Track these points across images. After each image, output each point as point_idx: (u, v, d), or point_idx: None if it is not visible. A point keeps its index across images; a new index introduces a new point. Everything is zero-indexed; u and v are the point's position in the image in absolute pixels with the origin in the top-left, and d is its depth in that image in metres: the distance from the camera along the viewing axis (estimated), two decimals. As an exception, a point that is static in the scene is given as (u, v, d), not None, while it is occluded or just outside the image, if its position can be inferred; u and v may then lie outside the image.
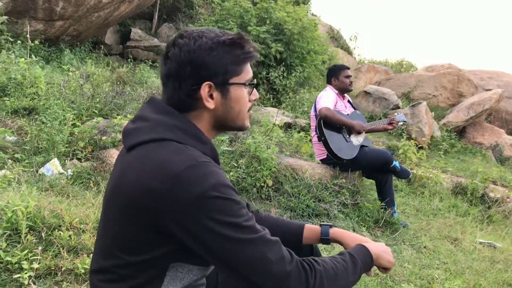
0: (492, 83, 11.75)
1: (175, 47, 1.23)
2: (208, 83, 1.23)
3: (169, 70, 1.23)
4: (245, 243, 1.11)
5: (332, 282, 1.23)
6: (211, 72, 1.23)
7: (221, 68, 1.23)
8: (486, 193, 5.74)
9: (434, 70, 11.10)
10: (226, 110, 1.28)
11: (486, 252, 4.10)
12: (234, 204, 1.12)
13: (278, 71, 9.13)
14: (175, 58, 1.22)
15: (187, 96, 1.24)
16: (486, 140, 9.50)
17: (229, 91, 1.26)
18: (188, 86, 1.23)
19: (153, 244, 1.15)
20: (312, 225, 1.63)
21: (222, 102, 1.26)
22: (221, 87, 1.25)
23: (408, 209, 5.26)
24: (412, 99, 10.24)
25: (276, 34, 9.33)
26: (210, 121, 1.29)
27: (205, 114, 1.27)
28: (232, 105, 1.28)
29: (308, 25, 9.55)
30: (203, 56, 1.21)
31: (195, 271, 1.25)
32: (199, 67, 1.22)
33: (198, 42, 1.22)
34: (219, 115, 1.28)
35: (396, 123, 4.65)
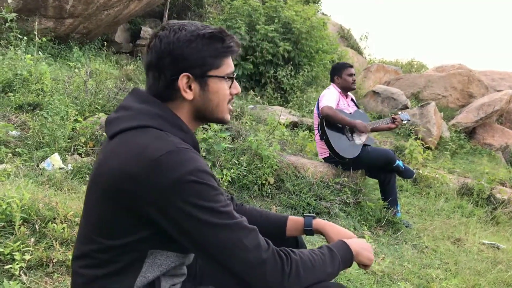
0: (503, 84, 11.62)
1: (157, 38, 1.27)
2: (186, 74, 1.26)
3: (150, 60, 1.28)
4: (221, 228, 1.13)
5: (309, 272, 1.23)
6: (189, 64, 1.26)
7: (199, 60, 1.26)
8: (492, 194, 5.67)
9: (444, 70, 11.00)
10: (205, 102, 1.31)
11: (489, 253, 4.05)
12: (211, 190, 1.14)
13: (286, 70, 9.11)
14: (155, 49, 1.26)
15: (166, 87, 1.27)
16: (496, 142, 9.39)
17: (208, 84, 1.29)
18: (167, 76, 1.26)
19: (132, 228, 1.18)
20: (295, 217, 1.64)
21: (201, 94, 1.29)
22: (199, 79, 1.28)
23: (412, 209, 5.22)
24: (421, 100, 10.16)
25: (285, 33, 9.31)
26: (190, 111, 1.32)
27: (184, 105, 1.30)
28: (211, 97, 1.31)
29: (317, 24, 9.51)
30: (181, 48, 1.25)
31: (173, 258, 1.27)
32: (178, 58, 1.25)
33: (178, 34, 1.25)
34: (198, 106, 1.31)
35: (400, 121, 4.61)
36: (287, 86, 9.10)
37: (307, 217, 1.62)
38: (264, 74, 9.19)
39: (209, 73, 1.28)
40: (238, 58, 8.92)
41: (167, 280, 1.30)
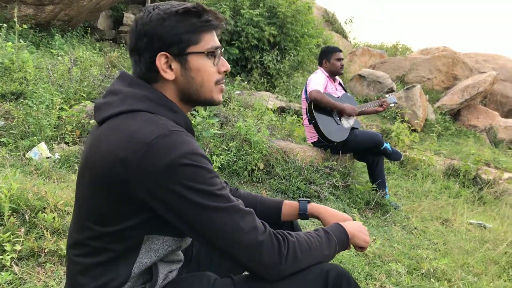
0: (487, 66, 11.73)
1: (134, 21, 1.26)
2: (163, 53, 1.23)
3: (130, 44, 1.26)
4: (218, 211, 1.12)
5: (306, 255, 1.23)
6: (165, 43, 1.23)
7: (175, 37, 1.23)
8: (478, 175, 5.75)
9: (429, 53, 11.05)
10: (187, 81, 1.27)
11: (476, 232, 4.12)
12: (206, 172, 1.12)
13: (272, 55, 9.07)
14: (132, 33, 1.25)
15: (147, 69, 1.25)
16: (480, 123, 9.50)
17: (188, 61, 1.26)
18: (146, 58, 1.24)
19: (126, 214, 1.16)
20: (290, 201, 1.63)
21: (182, 73, 1.26)
22: (179, 57, 1.24)
23: (400, 191, 5.27)
24: (407, 82, 10.21)
25: (270, 17, 9.25)
26: (176, 93, 1.29)
27: (169, 86, 1.27)
28: (193, 75, 1.27)
29: (302, 8, 9.46)
30: (155, 27, 1.22)
31: (170, 242, 1.25)
32: (153, 38, 1.22)
33: (150, 14, 1.23)
34: (182, 87, 1.28)
35: (387, 105, 4.62)
36: (273, 71, 9.06)
37: (302, 201, 1.61)
38: (250, 59, 9.13)
39: (187, 50, 1.24)
40: (223, 43, 8.86)
41: (165, 266, 1.29)
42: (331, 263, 1.30)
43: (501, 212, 4.81)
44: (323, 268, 1.27)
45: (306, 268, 1.24)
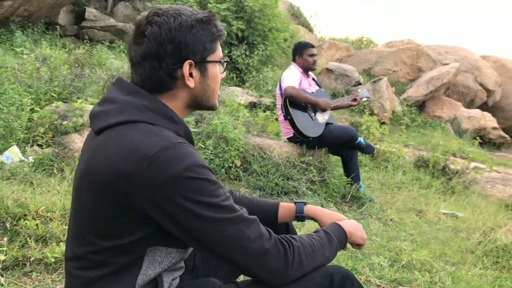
0: (449, 57, 12.05)
1: (153, 25, 1.19)
2: (189, 62, 1.21)
3: (147, 49, 1.19)
4: (224, 223, 1.12)
5: (310, 258, 1.25)
6: (192, 50, 1.21)
7: (200, 46, 1.22)
8: (447, 165, 5.92)
9: (394, 46, 11.27)
10: (203, 89, 1.28)
11: (450, 222, 4.24)
12: (210, 184, 1.12)
13: (241, 49, 9.04)
14: (154, 37, 1.18)
15: (168, 76, 1.22)
16: (445, 114, 9.77)
17: (207, 69, 1.26)
18: (169, 65, 1.20)
19: (129, 228, 1.13)
20: (286, 203, 1.64)
21: (201, 81, 1.26)
22: (200, 65, 1.24)
23: (373, 184, 5.37)
24: (373, 75, 10.39)
25: (237, 11, 9.21)
26: (186, 100, 1.27)
27: (182, 93, 1.26)
28: (209, 83, 1.28)
29: (269, 2, 9.46)
30: (184, 34, 1.20)
31: (174, 254, 1.24)
32: (180, 45, 1.20)
33: (178, 20, 1.20)
34: (196, 94, 1.27)
35: (360, 99, 4.70)
36: (242, 66, 9.04)
37: (299, 203, 1.62)
38: (218, 55, 9.06)
39: (208, 59, 1.25)
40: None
41: (168, 275, 1.27)
42: (335, 265, 1.32)
43: (471, 202, 4.97)
44: (328, 271, 1.28)
45: (311, 272, 1.26)
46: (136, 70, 1.24)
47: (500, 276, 2.99)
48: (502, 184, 6.51)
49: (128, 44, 1.26)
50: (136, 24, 1.23)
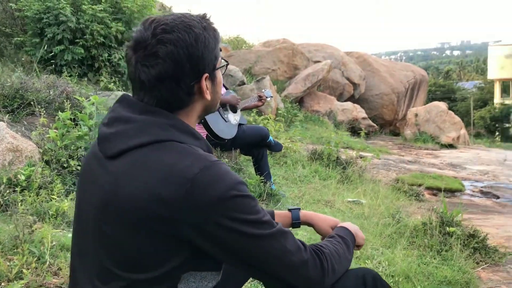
0: (318, 55, 12.89)
1: (167, 44, 1.08)
2: (206, 75, 1.15)
3: (164, 71, 1.09)
4: (268, 238, 1.09)
5: (339, 264, 1.27)
6: (208, 63, 1.15)
7: (212, 56, 1.17)
8: (339, 156, 6.34)
9: (271, 45, 11.72)
10: (214, 96, 1.22)
11: (357, 209, 4.55)
12: (251, 201, 1.09)
13: (121, 52, 8.63)
14: (171, 57, 1.08)
15: (187, 94, 1.14)
16: (321, 108, 10.44)
17: (216, 77, 1.22)
18: (188, 83, 1.12)
19: (165, 258, 1.05)
20: (280, 211, 1.63)
21: (212, 90, 1.21)
22: (211, 75, 1.19)
23: (278, 180, 5.53)
24: (254, 74, 10.69)
25: (115, 13, 8.77)
26: (199, 112, 1.21)
27: (197, 107, 1.19)
28: (218, 89, 1.24)
29: (147, 3, 9.20)
30: (201, 49, 1.12)
31: (209, 277, 1.17)
32: (198, 61, 1.12)
33: (192, 34, 1.11)
34: (208, 104, 1.22)
35: (265, 99, 4.81)
36: (124, 69, 8.64)
37: (294, 210, 1.61)
38: (97, 58, 8.55)
39: (216, 66, 1.20)
40: (66, 42, 8.17)
41: None
42: (361, 267, 1.36)
43: (368, 188, 5.38)
44: (358, 274, 1.32)
45: (341, 277, 1.28)
46: (150, 93, 1.12)
47: (421, 254, 3.30)
48: (385, 170, 7.18)
49: (132, 66, 1.13)
50: (141, 44, 1.10)
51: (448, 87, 48.89)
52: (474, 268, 3.23)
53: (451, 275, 2.94)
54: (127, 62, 1.16)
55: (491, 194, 6.56)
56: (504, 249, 3.66)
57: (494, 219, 5.01)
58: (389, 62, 18.69)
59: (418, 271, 2.95)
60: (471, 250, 3.38)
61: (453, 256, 3.23)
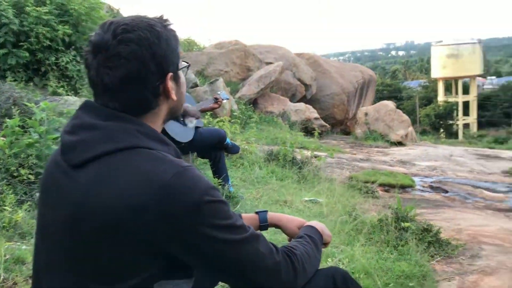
0: (270, 56, 12.98)
1: (129, 43, 1.05)
2: (170, 74, 1.13)
3: (128, 71, 1.06)
4: (242, 243, 1.08)
5: (310, 264, 1.28)
6: (171, 62, 1.14)
7: (175, 55, 1.15)
8: (295, 157, 6.41)
9: (223, 47, 11.69)
10: (179, 97, 1.20)
11: (315, 208, 4.62)
12: (225, 206, 1.08)
13: (69, 55, 8.37)
14: (134, 56, 1.05)
15: (153, 95, 1.12)
16: (275, 109, 10.53)
17: (179, 77, 1.20)
18: (154, 83, 1.10)
19: (138, 268, 1.02)
20: (247, 214, 1.63)
21: (177, 90, 1.18)
22: (175, 75, 1.16)
23: (235, 181, 5.52)
24: (207, 76, 10.64)
25: (61, 15, 8.49)
26: (165, 114, 1.19)
27: (163, 109, 1.17)
28: (182, 90, 1.22)
29: (95, 4, 8.97)
30: (164, 48, 1.10)
31: (181, 285, 1.15)
32: (161, 59, 1.10)
33: (154, 32, 1.09)
34: (173, 106, 1.19)
35: (221, 101, 4.79)
36: (73, 73, 8.38)
37: (261, 212, 1.62)
38: (43, 62, 8.25)
39: (179, 66, 1.19)
40: (9, 45, 7.84)
41: None
42: (331, 266, 1.38)
43: (324, 187, 5.47)
44: (328, 273, 1.34)
45: (312, 277, 1.29)
46: (115, 96, 1.09)
47: (379, 250, 3.39)
48: (339, 168, 7.33)
49: (93, 70, 1.09)
50: (101, 47, 1.07)
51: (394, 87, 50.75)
52: (429, 261, 3.35)
53: (409, 269, 3.04)
54: (87, 67, 1.13)
55: (440, 189, 6.84)
56: (456, 241, 3.82)
57: (444, 213, 5.22)
58: (339, 63, 19.11)
59: (377, 267, 3.03)
60: (426, 244, 3.51)
61: (409, 250, 3.34)
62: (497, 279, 3.15)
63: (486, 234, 4.28)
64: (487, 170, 8.85)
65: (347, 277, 1.35)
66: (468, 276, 3.20)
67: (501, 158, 10.67)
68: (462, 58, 40.67)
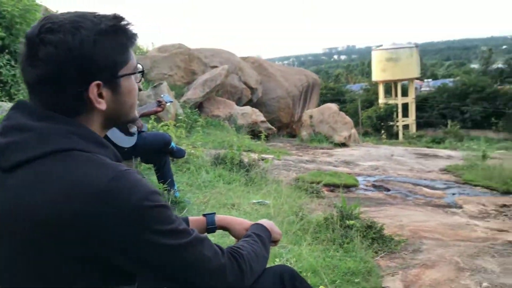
0: (215, 60, 12.94)
1: (47, 45, 0.98)
2: (96, 83, 1.04)
3: (45, 73, 0.99)
4: (186, 248, 1.05)
5: (257, 263, 1.27)
6: (99, 69, 1.04)
7: (109, 62, 1.06)
8: (242, 160, 6.41)
9: (167, 50, 11.53)
10: (119, 107, 1.11)
11: (262, 210, 4.62)
12: (167, 210, 1.03)
13: (3, 59, 7.95)
14: (52, 59, 0.98)
15: (74, 100, 1.03)
16: (221, 112, 10.49)
17: (120, 85, 1.10)
18: (74, 89, 1.02)
19: (73, 279, 0.96)
20: (195, 217, 1.60)
21: (114, 99, 1.09)
22: (110, 82, 1.07)
23: (181, 186, 5.44)
24: (150, 80, 10.45)
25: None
26: (101, 122, 1.11)
27: (94, 117, 1.09)
28: (125, 99, 1.12)
29: (30, 6, 8.58)
30: (88, 53, 1.01)
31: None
32: (85, 67, 1.01)
33: (78, 36, 1.00)
34: (111, 114, 1.11)
35: (164, 104, 4.71)
36: (7, 78, 7.97)
37: (209, 215, 1.59)
38: (-26, 66, 7.80)
39: (120, 73, 1.08)
40: None
41: None
42: (279, 265, 1.37)
43: (271, 189, 5.50)
44: (276, 272, 1.34)
45: (260, 275, 1.28)
46: (35, 95, 1.04)
47: (326, 248, 3.43)
48: (286, 170, 7.40)
49: (21, 63, 1.03)
50: (28, 41, 1.01)
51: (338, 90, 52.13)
52: (374, 257, 3.43)
53: (354, 265, 3.10)
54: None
55: (382, 187, 7.06)
56: (398, 237, 3.94)
57: (387, 210, 5.38)
58: (284, 67, 19.37)
59: (323, 265, 3.07)
60: (370, 241, 3.60)
61: (354, 247, 3.41)
62: (437, 272, 3.28)
63: (426, 229, 4.46)
64: (426, 168, 9.23)
65: (294, 275, 1.35)
66: (411, 270, 3.30)
67: (438, 156, 11.18)
68: (401, 61, 42.35)
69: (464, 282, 3.11)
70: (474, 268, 3.34)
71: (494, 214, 5.56)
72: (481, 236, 4.33)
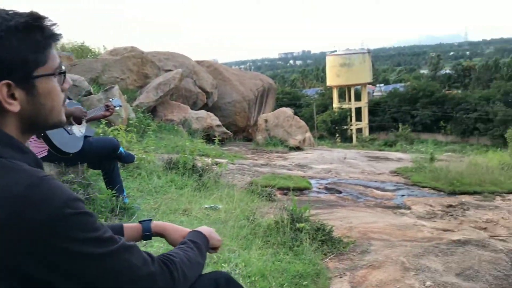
0: (169, 63, 12.81)
1: None
2: (5, 82, 0.99)
3: None
4: (111, 256, 1.02)
5: (190, 270, 1.25)
6: (7, 68, 0.99)
7: (19, 61, 1.01)
8: (195, 164, 6.34)
9: (119, 53, 11.30)
10: (36, 109, 1.06)
11: (214, 215, 4.59)
12: (89, 218, 1.00)
13: None
14: None
15: None
16: (175, 117, 10.38)
17: (36, 86, 1.05)
18: None
19: None
20: (130, 224, 1.56)
21: (29, 101, 1.04)
22: (24, 83, 1.03)
23: (132, 192, 5.32)
24: (102, 84, 10.20)
25: None
26: (18, 125, 1.06)
27: (9, 119, 1.03)
28: (43, 101, 1.07)
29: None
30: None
31: None
32: None
33: None
34: (27, 117, 1.06)
35: (113, 108, 4.60)
36: None
37: (145, 221, 1.55)
38: None
39: (35, 74, 1.04)
40: None
41: None
42: (214, 271, 1.35)
43: (224, 193, 5.47)
44: (211, 278, 1.32)
45: (195, 282, 1.27)
46: None
47: (275, 251, 3.43)
48: (240, 174, 7.38)
49: None
50: None
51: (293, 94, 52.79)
52: (323, 259, 3.47)
53: (303, 268, 3.12)
54: None
55: (334, 190, 7.17)
56: (347, 238, 4.00)
57: (338, 212, 5.46)
58: (239, 71, 19.39)
59: (272, 269, 3.07)
60: (319, 243, 3.63)
61: (304, 250, 3.43)
62: (384, 272, 3.34)
63: (375, 230, 4.55)
64: (377, 170, 9.45)
65: (230, 280, 1.34)
66: (358, 271, 3.35)
67: (389, 159, 11.48)
68: (353, 67, 43.41)
69: (409, 281, 3.19)
70: (418, 268, 3.43)
71: (441, 214, 5.75)
72: (427, 236, 4.46)
